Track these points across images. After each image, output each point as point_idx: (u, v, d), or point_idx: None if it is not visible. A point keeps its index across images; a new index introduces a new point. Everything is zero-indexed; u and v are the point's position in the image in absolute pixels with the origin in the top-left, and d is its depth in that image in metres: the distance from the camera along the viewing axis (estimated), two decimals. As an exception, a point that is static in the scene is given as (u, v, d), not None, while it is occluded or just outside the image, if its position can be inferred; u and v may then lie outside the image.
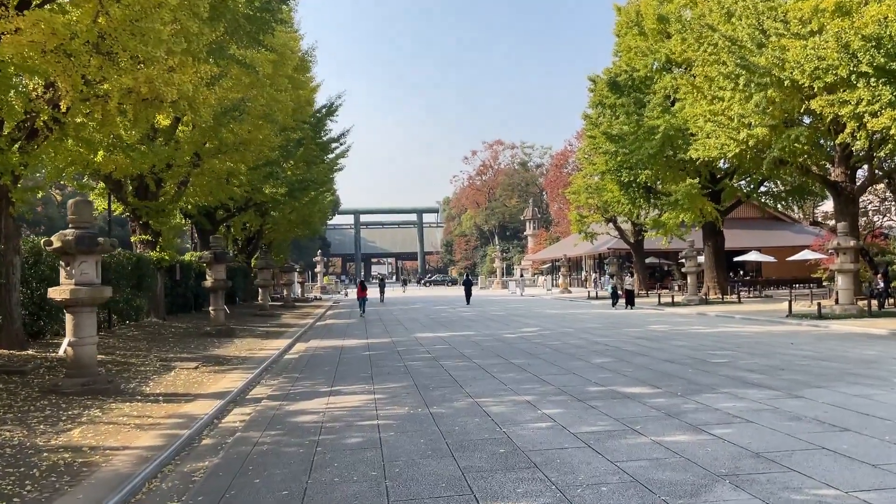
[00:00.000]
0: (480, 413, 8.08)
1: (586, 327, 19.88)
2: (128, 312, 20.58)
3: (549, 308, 31.46)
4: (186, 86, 12.75)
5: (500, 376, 10.91)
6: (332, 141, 36.44)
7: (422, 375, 11.35)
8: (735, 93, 24.90)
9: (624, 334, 17.47)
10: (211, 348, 16.04)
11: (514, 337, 17.59)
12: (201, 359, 14.13)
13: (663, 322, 21.65)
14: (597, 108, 36.79)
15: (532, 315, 26.50)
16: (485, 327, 21.15)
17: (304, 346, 17.47)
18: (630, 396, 8.80)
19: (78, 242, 9.51)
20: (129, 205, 22.33)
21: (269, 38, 17.00)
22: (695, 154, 27.93)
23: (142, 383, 10.63)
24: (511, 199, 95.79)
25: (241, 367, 13.03)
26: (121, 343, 15.89)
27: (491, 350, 14.75)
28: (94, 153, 17.22)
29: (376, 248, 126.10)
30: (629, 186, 34.65)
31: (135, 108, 13.35)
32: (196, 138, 21.46)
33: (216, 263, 19.36)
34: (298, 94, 26.06)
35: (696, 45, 26.70)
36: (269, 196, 31.47)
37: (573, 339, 16.34)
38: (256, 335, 19.83)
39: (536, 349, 14.58)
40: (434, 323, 23.79)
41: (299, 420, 8.16)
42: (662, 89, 32.01)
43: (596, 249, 52.05)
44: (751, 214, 49.92)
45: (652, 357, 12.64)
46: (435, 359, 13.61)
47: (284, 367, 13.41)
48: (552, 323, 22.11)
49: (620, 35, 35.77)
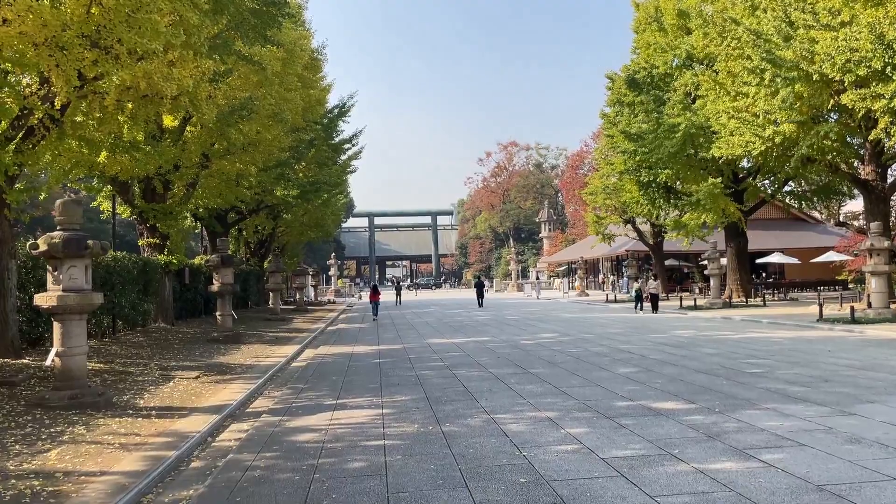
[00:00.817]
0: (497, 432, 7.32)
1: (607, 333, 19.04)
2: (134, 318, 20.02)
3: (566, 312, 30.61)
4: (186, 81, 12.12)
5: (517, 388, 10.14)
6: (345, 142, 35.83)
7: (433, 387, 10.61)
8: (760, 88, 23.99)
9: (648, 340, 16.62)
10: (216, 356, 15.40)
11: (531, 343, 16.80)
12: (204, 367, 13.49)
13: (688, 327, 20.75)
14: (615, 106, 35.92)
15: (549, 319, 25.67)
16: (500, 332, 20.37)
17: (313, 353, 16.79)
18: (663, 413, 8.00)
19: (65, 245, 8.87)
20: (136, 207, 21.83)
21: (277, 33, 16.36)
22: (717, 152, 27.01)
23: (136, 395, 9.98)
24: (526, 200, 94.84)
25: (245, 376, 12.37)
26: (123, 350, 15.30)
27: (507, 358, 13.98)
28: (96, 154, 16.67)
29: (390, 250, 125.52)
30: (648, 186, 33.72)
31: (134, 104, 12.74)
32: (204, 138, 20.90)
33: (223, 267, 18.75)
34: (309, 94, 25.42)
35: (718, 40, 25.81)
36: (280, 198, 30.92)
37: (594, 346, 15.52)
38: (265, 341, 19.20)
39: (556, 357, 13.79)
40: (448, 328, 23.04)
41: (299, 439, 7.45)
42: (683, 86, 31.11)
43: (614, 251, 51.07)
44: (773, 215, 48.76)
45: (682, 367, 11.80)
46: (448, 367, 12.86)
47: (290, 377, 12.73)
48: (571, 328, 21.29)
49: (639, 31, 34.87)
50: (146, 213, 21.70)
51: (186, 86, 12.08)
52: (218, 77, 14.76)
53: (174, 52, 12.22)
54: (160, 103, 12.81)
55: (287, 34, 20.84)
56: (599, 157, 44.73)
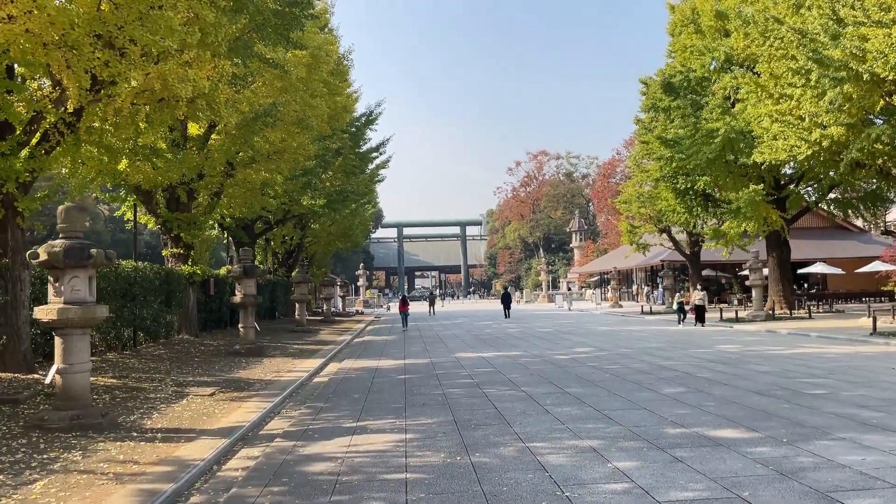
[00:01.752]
0: (534, 465, 6.47)
1: (647, 347, 18.01)
2: (156, 330, 19.54)
3: (600, 324, 29.53)
4: (203, 82, 11.53)
5: (554, 411, 9.26)
6: (372, 151, 35.28)
7: (462, 408, 9.77)
8: (806, 90, 22.78)
9: (692, 356, 15.57)
10: (235, 370, 14.77)
11: (565, 359, 15.86)
12: (221, 383, 12.84)
13: (732, 341, 19.61)
14: (649, 111, 34.78)
15: (583, 332, 24.66)
16: (532, 346, 19.46)
17: (337, 367, 16.08)
18: (722, 443, 7.06)
19: (67, 254, 8.26)
20: (160, 217, 21.43)
21: (300, 36, 15.80)
22: (759, 158, 25.81)
23: (144, 415, 9.32)
24: (556, 210, 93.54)
25: (262, 393, 11.68)
26: (141, 364, 14.74)
27: (541, 375, 13.08)
28: (115, 161, 16.24)
29: (419, 261, 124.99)
30: (685, 194, 32.51)
31: (149, 108, 12.21)
32: (228, 146, 20.45)
33: (246, 278, 18.16)
34: (335, 101, 24.87)
35: (760, 40, 24.64)
36: (307, 207, 30.44)
37: (635, 363, 14.52)
38: (288, 354, 18.55)
39: (593, 375, 12.85)
40: (477, 341, 22.18)
41: (312, 470, 6.68)
42: (721, 90, 29.95)
43: (648, 262, 49.71)
44: (813, 224, 47.05)
45: (734, 387, 10.79)
46: (477, 385, 12.02)
47: (310, 394, 12.00)
48: (607, 342, 20.28)
49: (674, 34, 33.79)
50: (170, 222, 21.30)
51: (202, 87, 11.49)
52: (238, 80, 14.20)
53: (190, 51, 11.67)
54: (176, 106, 12.25)
55: (311, 38, 20.31)
56: (633, 165, 43.60)
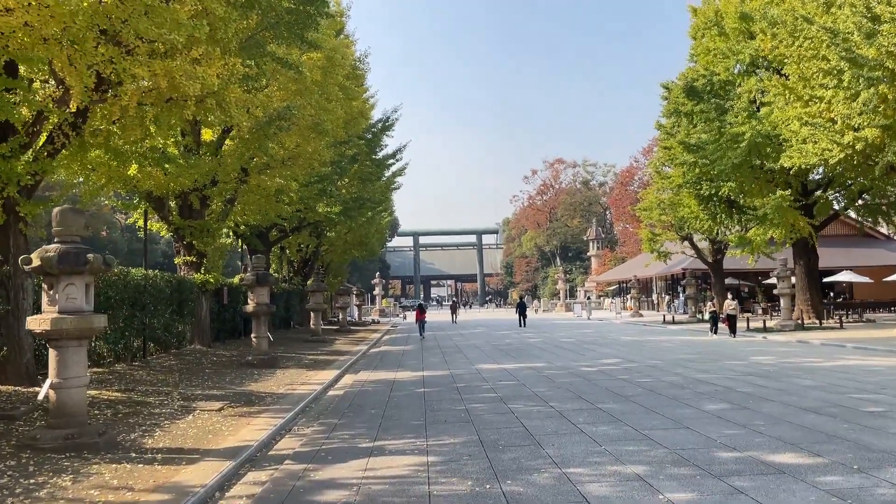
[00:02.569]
0: (575, 497, 5.73)
1: (677, 359, 17.16)
2: (167, 340, 19.01)
3: (623, 334, 28.65)
4: (212, 80, 10.96)
5: (588, 430, 8.51)
6: (389, 158, 34.70)
7: (487, 426, 9.04)
8: (838, 91, 21.93)
9: (727, 369, 14.72)
10: (247, 382, 14.13)
11: (592, 371, 15.07)
12: (231, 397, 12.20)
13: (765, 352, 18.71)
14: (671, 116, 33.95)
15: (607, 342, 23.81)
16: (556, 357, 18.67)
17: (352, 380, 15.40)
18: (785, 470, 6.28)
19: (61, 260, 7.66)
20: (172, 224, 20.94)
21: (315, 36, 15.23)
22: (788, 162, 24.93)
23: (146, 433, 8.68)
24: (573, 219, 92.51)
25: (274, 407, 11.02)
26: (149, 376, 14.15)
27: (569, 389, 12.31)
28: (125, 165, 15.73)
29: (435, 269, 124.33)
30: (709, 200, 31.62)
31: (156, 108, 11.66)
32: (241, 151, 19.94)
33: (258, 286, 17.56)
34: (351, 105, 24.31)
35: (789, 41, 23.82)
36: (323, 215, 29.89)
37: (667, 376, 13.70)
38: (302, 365, 17.91)
39: (625, 388, 12.06)
40: (497, 351, 21.42)
41: (323, 500, 5.99)
42: (747, 93, 29.08)
43: (669, 270, 48.68)
44: (839, 231, 45.85)
45: (782, 403, 9.97)
46: (502, 400, 11.28)
47: (324, 409, 11.32)
48: (633, 352, 19.44)
49: (696, 38, 32.98)
50: (182, 230, 20.80)
51: (211, 85, 10.91)
52: (250, 80, 13.62)
53: (198, 48, 11.11)
54: (184, 106, 11.69)
55: (327, 41, 19.78)
56: (653, 171, 42.72)
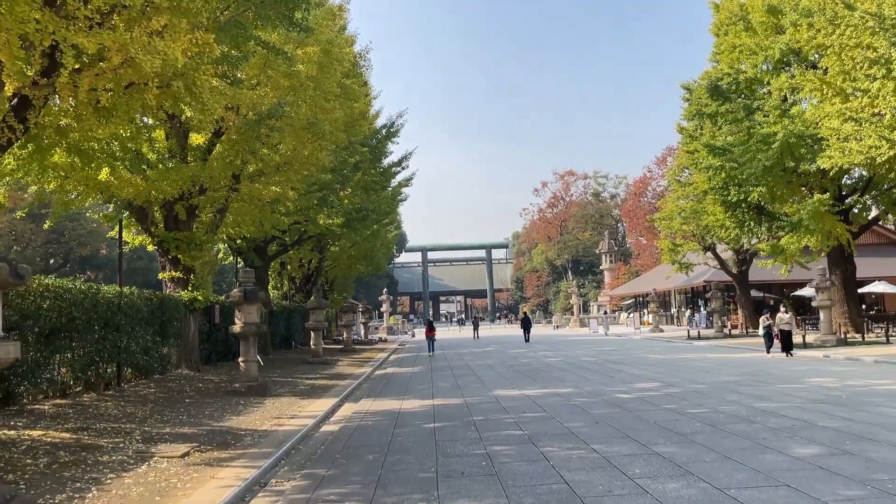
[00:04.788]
0: None
1: (722, 382, 15.03)
2: (148, 365, 17.03)
3: (648, 351, 26.49)
4: (176, 55, 9.07)
5: (652, 487, 6.45)
6: (394, 166, 32.84)
7: (517, 481, 7.00)
8: (887, 81, 19.93)
9: (787, 395, 12.60)
10: (228, 415, 12.14)
11: (630, 398, 12.98)
12: (203, 436, 10.20)
13: (818, 372, 16.56)
14: (693, 119, 31.96)
15: (634, 362, 21.67)
16: (582, 380, 16.58)
17: (351, 410, 13.37)
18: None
19: (-53, 270, 5.73)
20: (155, 236, 19.09)
21: (306, 15, 13.35)
22: (827, 163, 22.87)
23: (75, 495, 6.69)
24: (584, 231, 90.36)
25: (251, 451, 9.02)
26: (116, 409, 12.18)
27: (609, 423, 10.24)
28: (90, 167, 13.88)
29: (444, 285, 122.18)
30: (737, 207, 29.51)
31: (114, 95, 9.77)
32: (230, 155, 18.09)
33: (246, 303, 15.58)
34: (352, 108, 22.45)
35: (829, 30, 21.82)
36: (324, 227, 28.00)
37: (723, 405, 11.58)
38: (297, 392, 15.92)
39: (680, 424, 9.97)
40: (514, 373, 19.33)
41: None
42: (778, 90, 27.10)
43: (689, 283, 46.48)
44: (869, 240, 43.62)
45: (890, 444, 7.88)
46: (530, 440, 9.22)
47: (312, 452, 9.30)
48: (669, 374, 17.32)
49: (720, 34, 31.06)
50: (167, 242, 18.93)
51: (175, 61, 9.01)
52: (229, 63, 11.76)
53: (159, 17, 9.24)
54: (145, 90, 9.80)
55: (323, 31, 17.94)
56: (672, 179, 40.72)
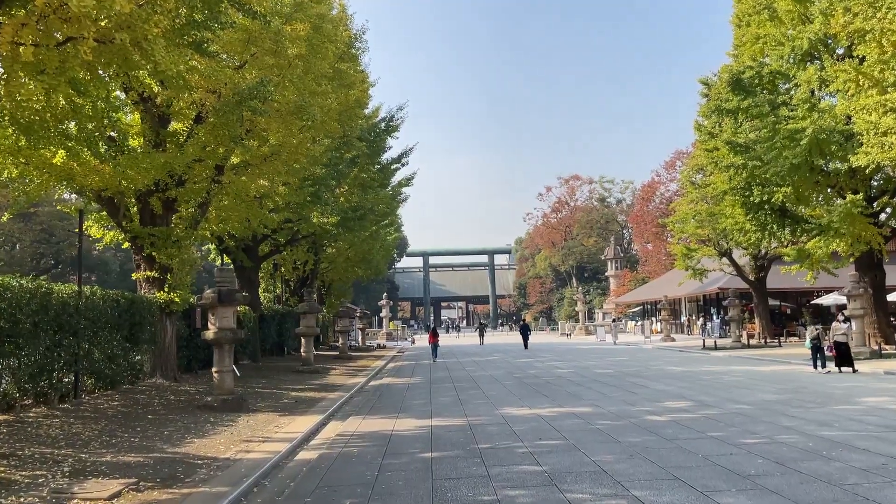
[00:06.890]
0: None
1: (764, 402, 13.11)
2: (114, 374, 15.16)
3: (665, 363, 24.57)
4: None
5: (734, 568, 4.57)
6: (393, 162, 31.00)
7: (542, 549, 5.13)
8: (935, 68, 18.17)
9: (851, 420, 10.70)
10: (189, 437, 10.27)
11: (663, 421, 11.08)
12: (150, 467, 8.32)
13: (869, 390, 14.66)
14: (712, 115, 30.07)
15: (654, 374, 19.76)
16: (601, 397, 14.69)
17: (335, 432, 11.50)
18: None
19: None
20: (127, 231, 17.27)
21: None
22: (864, 160, 21.05)
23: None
24: (589, 237, 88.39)
25: (201, 490, 7.17)
26: (61, 429, 10.31)
27: (647, 456, 8.34)
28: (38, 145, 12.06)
29: (446, 291, 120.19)
30: (759, 208, 27.61)
31: (40, 50, 7.96)
32: (208, 141, 16.29)
33: (221, 306, 13.73)
34: (347, 94, 20.62)
35: (868, 13, 20.01)
36: (318, 226, 26.17)
37: (779, 433, 9.65)
38: (277, 407, 14.04)
39: (736, 459, 8.05)
40: (523, 387, 17.44)
41: None
42: (806, 83, 25.27)
43: (702, 289, 44.51)
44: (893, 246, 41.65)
45: None
46: (551, 479, 7.34)
47: (279, 492, 7.43)
48: (699, 391, 15.39)
49: (741, 25, 29.27)
50: (140, 238, 17.10)
51: (114, 4, 7.19)
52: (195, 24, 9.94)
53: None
54: (83, 44, 7.98)
55: (313, 6, 16.13)
56: (686, 180, 38.85)
